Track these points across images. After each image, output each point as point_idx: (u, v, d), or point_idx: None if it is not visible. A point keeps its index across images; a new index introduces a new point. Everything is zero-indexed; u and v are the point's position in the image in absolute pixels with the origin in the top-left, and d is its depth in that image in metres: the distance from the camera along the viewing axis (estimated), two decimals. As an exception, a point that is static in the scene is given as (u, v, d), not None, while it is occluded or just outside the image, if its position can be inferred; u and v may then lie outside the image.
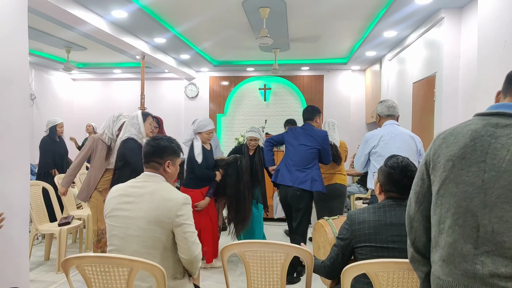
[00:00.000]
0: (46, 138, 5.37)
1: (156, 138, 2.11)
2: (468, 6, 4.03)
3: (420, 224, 1.42)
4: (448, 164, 1.29)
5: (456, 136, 1.30)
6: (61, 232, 4.01)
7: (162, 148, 2.06)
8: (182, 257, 1.95)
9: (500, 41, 2.71)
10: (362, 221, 1.90)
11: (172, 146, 2.10)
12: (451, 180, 1.28)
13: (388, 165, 1.96)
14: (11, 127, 2.55)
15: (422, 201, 1.41)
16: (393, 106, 3.27)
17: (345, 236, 1.94)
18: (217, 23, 5.14)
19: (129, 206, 1.95)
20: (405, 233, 1.74)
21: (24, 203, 2.69)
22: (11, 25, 2.54)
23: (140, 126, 3.62)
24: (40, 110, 7.81)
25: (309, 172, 3.69)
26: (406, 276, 1.69)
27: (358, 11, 4.60)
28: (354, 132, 8.31)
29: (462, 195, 1.26)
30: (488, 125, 1.26)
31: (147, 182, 2.01)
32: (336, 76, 8.35)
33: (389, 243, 1.82)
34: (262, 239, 3.78)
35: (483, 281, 1.19)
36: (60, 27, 5.16)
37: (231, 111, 8.69)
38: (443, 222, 1.30)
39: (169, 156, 2.08)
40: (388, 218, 1.87)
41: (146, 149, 2.08)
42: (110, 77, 8.97)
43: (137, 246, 1.89)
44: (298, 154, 3.75)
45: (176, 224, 1.89)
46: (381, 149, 3.13)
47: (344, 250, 1.94)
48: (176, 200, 1.93)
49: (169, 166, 2.08)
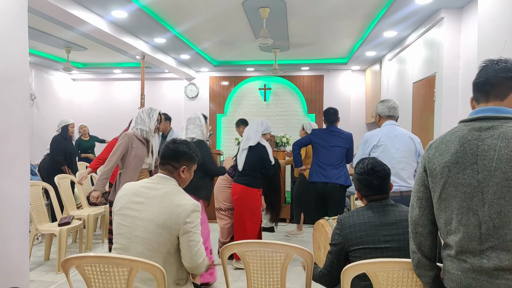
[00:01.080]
0: (58, 137, 5.47)
1: (176, 142, 2.11)
2: (468, 6, 4.03)
3: (426, 228, 1.50)
4: (445, 170, 1.40)
5: (446, 144, 1.42)
6: (61, 232, 4.01)
7: (180, 153, 2.06)
8: (184, 264, 1.95)
9: (500, 41, 2.71)
10: (352, 224, 1.92)
11: (190, 152, 2.10)
12: (449, 184, 1.39)
13: (356, 172, 2.02)
14: (11, 127, 2.55)
15: (426, 206, 1.50)
16: (394, 107, 3.25)
17: (337, 241, 1.95)
18: (217, 23, 5.13)
19: (139, 206, 1.94)
20: (395, 233, 1.85)
21: (24, 203, 2.69)
22: (11, 25, 2.54)
23: (203, 128, 3.55)
24: (40, 110, 7.81)
25: (342, 169, 4.23)
26: (406, 276, 1.70)
27: (358, 11, 4.60)
28: (354, 132, 8.19)
29: (462, 196, 1.36)
30: (472, 130, 1.38)
31: (159, 184, 2.01)
32: (336, 76, 8.34)
33: (381, 243, 1.84)
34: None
35: (489, 273, 1.30)
36: (60, 27, 5.16)
37: (231, 111, 8.69)
38: (449, 223, 1.41)
39: (186, 161, 2.08)
40: (378, 219, 1.90)
41: (165, 151, 2.07)
42: (110, 77, 8.96)
43: (142, 248, 1.89)
44: (331, 154, 4.22)
45: (183, 231, 1.89)
46: (380, 150, 3.12)
47: (338, 255, 1.95)
48: (185, 206, 1.92)
49: (183, 172, 2.07)
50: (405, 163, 3.08)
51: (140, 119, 3.52)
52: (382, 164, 2.01)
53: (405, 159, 3.08)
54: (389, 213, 1.91)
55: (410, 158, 3.10)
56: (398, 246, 1.82)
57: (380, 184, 1.96)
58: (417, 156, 3.15)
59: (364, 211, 1.95)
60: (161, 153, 2.10)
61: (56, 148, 5.41)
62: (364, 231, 1.88)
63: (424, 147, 2.96)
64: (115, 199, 2.06)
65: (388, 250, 1.83)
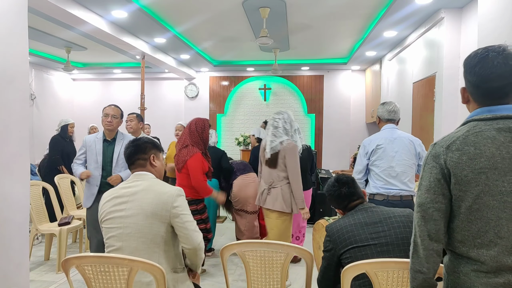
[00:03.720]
0: (56, 137, 5.49)
1: (134, 140, 2.15)
2: (468, 6, 4.03)
3: (440, 243, 1.32)
4: (481, 177, 1.23)
5: (475, 146, 1.24)
6: (61, 232, 4.01)
7: (143, 145, 2.10)
8: (184, 248, 1.97)
9: (500, 41, 2.71)
10: (339, 228, 1.99)
11: (153, 141, 2.15)
12: (486, 193, 1.23)
13: (326, 192, 2.19)
14: (11, 127, 2.54)
15: (443, 217, 1.31)
16: (394, 110, 3.21)
17: (328, 247, 2.01)
18: (217, 23, 5.13)
19: (123, 206, 1.95)
20: (381, 230, 1.92)
21: (24, 203, 2.69)
22: (11, 25, 2.54)
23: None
24: (40, 110, 7.81)
25: None
26: (406, 276, 1.70)
27: (358, 11, 4.60)
28: (354, 132, 8.32)
29: (502, 206, 1.22)
30: (501, 131, 1.23)
31: (138, 181, 2.02)
32: (336, 76, 8.35)
33: (368, 240, 1.91)
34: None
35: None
36: (60, 27, 5.16)
37: (231, 111, 8.69)
38: (480, 236, 1.24)
39: (152, 150, 2.11)
40: (363, 220, 1.99)
41: (128, 151, 2.09)
42: (110, 77, 8.97)
43: (136, 243, 1.89)
44: None
45: (174, 215, 1.91)
46: (379, 154, 3.10)
47: (330, 260, 2.00)
48: (170, 192, 1.95)
49: (154, 160, 2.10)
50: (405, 166, 3.04)
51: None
52: (343, 175, 2.20)
53: (405, 161, 3.05)
54: (372, 213, 2.01)
55: (411, 161, 3.07)
56: (386, 241, 1.89)
57: (349, 190, 2.11)
58: (417, 158, 3.11)
59: (348, 216, 2.05)
60: (125, 155, 2.11)
61: (53, 147, 5.42)
62: (351, 232, 1.95)
63: (425, 147, 2.95)
64: (98, 209, 2.06)
65: (376, 246, 1.89)
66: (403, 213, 1.98)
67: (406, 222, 1.94)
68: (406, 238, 1.88)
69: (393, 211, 2.01)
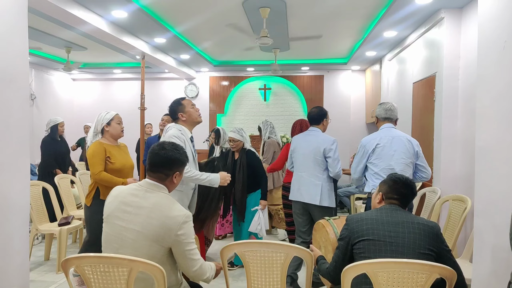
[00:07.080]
0: (46, 138, 5.32)
1: (164, 147, 1.99)
2: (468, 6, 4.02)
3: None
4: None
5: None
6: (61, 232, 4.01)
7: (172, 161, 1.97)
8: (186, 275, 1.95)
9: (500, 41, 2.71)
10: (360, 219, 1.98)
11: (182, 158, 2.02)
12: None
13: (393, 178, 2.14)
14: (11, 127, 2.54)
15: None
16: (391, 109, 3.26)
17: (344, 235, 2.00)
18: (217, 23, 5.13)
19: (126, 216, 1.90)
20: (401, 231, 1.88)
21: (24, 203, 2.69)
22: (11, 25, 2.53)
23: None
24: (40, 110, 7.81)
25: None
26: (406, 276, 1.70)
27: (358, 11, 4.60)
28: (354, 132, 8.31)
29: None
30: None
31: (148, 192, 1.94)
32: (336, 76, 8.35)
33: (386, 238, 1.89)
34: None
35: None
36: (60, 27, 5.15)
37: (231, 111, 8.69)
38: None
39: (179, 168, 2.01)
40: (385, 218, 1.96)
41: (155, 159, 1.96)
42: (110, 77, 8.96)
43: (131, 255, 1.83)
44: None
45: (175, 242, 1.86)
46: (378, 153, 3.12)
47: (345, 250, 1.98)
48: (176, 218, 1.86)
49: (176, 177, 2.01)
50: (403, 165, 3.08)
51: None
52: (412, 180, 2.15)
53: (404, 160, 3.08)
54: (397, 215, 1.98)
55: (409, 160, 3.10)
56: (402, 243, 1.86)
57: (406, 193, 2.08)
58: (415, 157, 3.15)
59: (372, 212, 2.04)
60: (150, 160, 1.97)
61: (45, 151, 5.26)
62: (371, 225, 1.94)
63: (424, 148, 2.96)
64: (104, 205, 1.99)
65: (392, 244, 1.87)
66: (428, 224, 1.94)
67: (428, 232, 1.89)
68: (423, 247, 1.85)
69: (419, 219, 1.97)
